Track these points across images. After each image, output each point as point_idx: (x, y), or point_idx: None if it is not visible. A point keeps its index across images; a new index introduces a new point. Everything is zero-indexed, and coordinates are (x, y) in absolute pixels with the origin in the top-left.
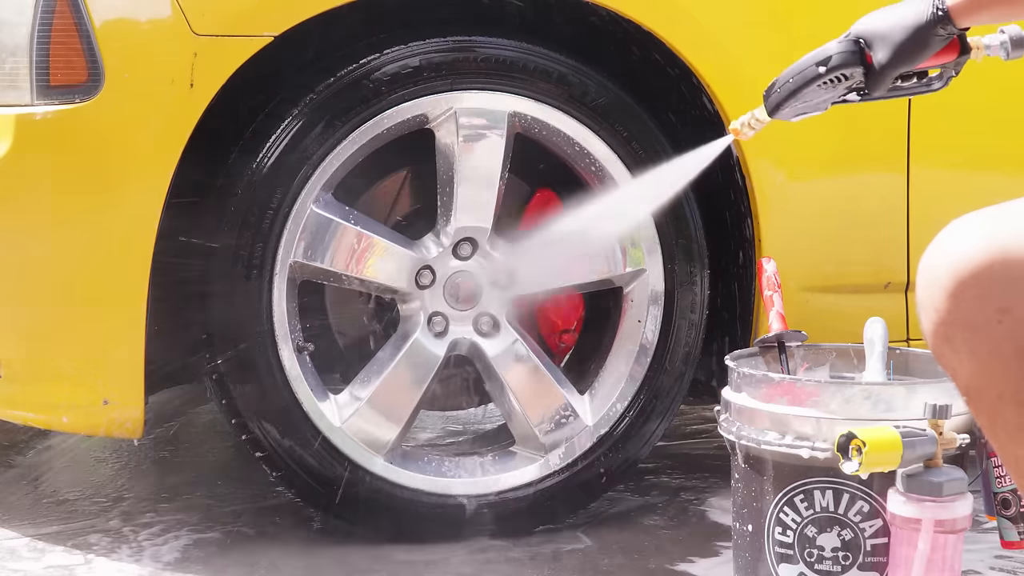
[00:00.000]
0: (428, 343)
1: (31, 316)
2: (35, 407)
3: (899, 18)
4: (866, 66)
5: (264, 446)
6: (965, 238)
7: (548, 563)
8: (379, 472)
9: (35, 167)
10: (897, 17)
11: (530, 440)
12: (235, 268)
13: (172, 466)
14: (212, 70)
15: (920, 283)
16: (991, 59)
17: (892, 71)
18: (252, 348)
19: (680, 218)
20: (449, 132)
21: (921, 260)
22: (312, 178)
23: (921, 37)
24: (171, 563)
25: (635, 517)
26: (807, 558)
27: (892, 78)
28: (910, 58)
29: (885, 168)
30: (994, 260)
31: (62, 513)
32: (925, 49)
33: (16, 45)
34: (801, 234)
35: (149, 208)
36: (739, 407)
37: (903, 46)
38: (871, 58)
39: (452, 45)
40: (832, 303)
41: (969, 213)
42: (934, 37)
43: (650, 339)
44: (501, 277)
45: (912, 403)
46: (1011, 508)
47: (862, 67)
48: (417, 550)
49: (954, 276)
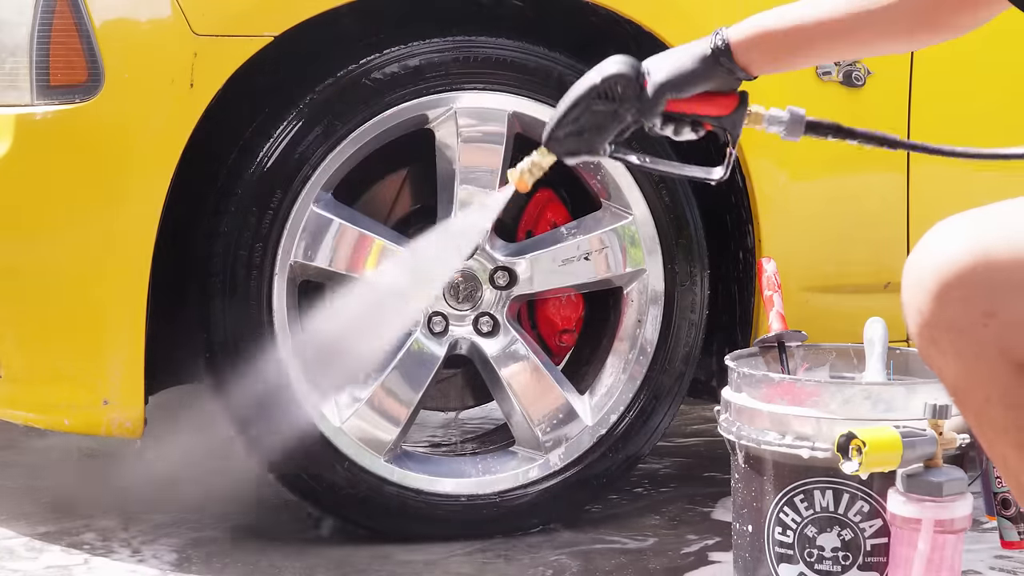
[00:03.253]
0: (428, 343)
1: (31, 316)
2: (35, 407)
3: (685, 48)
4: (642, 88)
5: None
6: (949, 240)
7: (548, 563)
8: (379, 472)
9: (35, 167)
10: (684, 48)
11: (530, 440)
12: (235, 268)
13: (171, 466)
14: (212, 70)
15: (905, 284)
16: (992, 59)
17: (664, 89)
18: (252, 348)
19: (680, 218)
20: (449, 132)
21: (907, 261)
22: (312, 178)
23: (700, 63)
24: (170, 563)
25: (635, 517)
26: (807, 558)
27: (663, 98)
28: (683, 77)
29: (885, 168)
30: (978, 263)
31: (60, 513)
32: (701, 76)
33: (16, 45)
34: (801, 234)
35: (149, 208)
36: (739, 407)
37: (680, 65)
38: (647, 83)
39: (452, 45)
40: (832, 303)
41: (955, 215)
42: (716, 68)
43: (650, 339)
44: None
45: (912, 403)
46: (1011, 508)
47: (637, 83)
48: (417, 550)
49: (938, 278)
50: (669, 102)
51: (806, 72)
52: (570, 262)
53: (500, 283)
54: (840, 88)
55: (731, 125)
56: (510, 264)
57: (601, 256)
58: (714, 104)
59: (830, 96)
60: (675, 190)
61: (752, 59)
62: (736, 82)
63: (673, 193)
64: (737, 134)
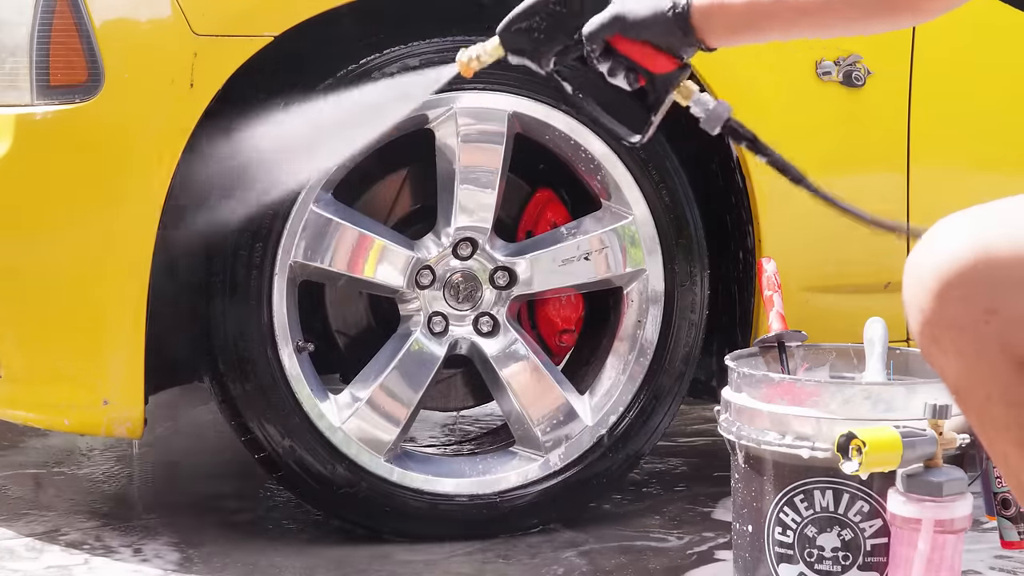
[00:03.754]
0: (428, 343)
1: (31, 316)
2: (35, 407)
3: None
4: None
5: (264, 446)
6: (950, 238)
7: (548, 563)
8: (379, 472)
9: (35, 167)
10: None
11: (530, 440)
12: (235, 268)
13: (171, 466)
14: (212, 70)
15: (906, 283)
16: (993, 59)
17: (615, 20)
18: (252, 348)
19: (680, 218)
20: (449, 132)
21: (907, 259)
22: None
23: (658, 12)
24: (170, 563)
25: (635, 517)
26: (807, 558)
27: (611, 29)
28: (637, 19)
29: (885, 168)
30: (979, 260)
31: (61, 513)
32: (653, 26)
33: (16, 45)
34: (801, 234)
35: (149, 208)
36: (739, 407)
37: (641, 6)
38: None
39: (452, 45)
40: (832, 303)
41: (955, 213)
42: (671, 26)
43: (650, 339)
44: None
45: (912, 403)
46: (1011, 508)
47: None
48: (417, 550)
49: (939, 276)
50: (617, 37)
51: (805, 71)
52: (570, 262)
53: (500, 283)
54: (840, 88)
55: (661, 86)
56: (510, 264)
57: (601, 256)
58: (655, 60)
59: (830, 96)
60: (675, 190)
61: (710, 28)
62: (687, 48)
63: (673, 193)
64: (661, 99)
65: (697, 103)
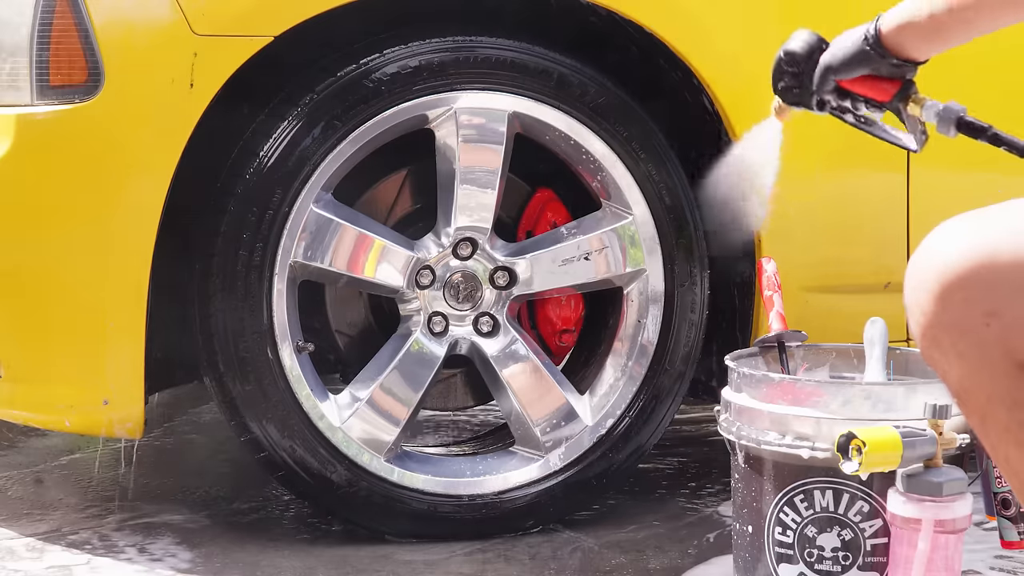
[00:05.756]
0: (428, 343)
1: (32, 316)
2: (35, 407)
3: (854, 30)
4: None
5: (264, 446)
6: (951, 242)
7: (548, 563)
8: (379, 472)
9: (35, 167)
10: (853, 30)
11: (530, 440)
12: (235, 268)
13: (172, 466)
14: (212, 70)
15: (907, 286)
16: (994, 59)
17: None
18: (252, 348)
19: (680, 218)
20: (449, 132)
21: (909, 262)
22: (312, 178)
23: (858, 47)
24: (171, 563)
25: (635, 517)
26: (807, 558)
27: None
28: (844, 61)
29: (885, 168)
30: (980, 263)
31: (61, 513)
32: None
33: (16, 45)
34: (801, 234)
35: (149, 208)
36: (739, 407)
37: (843, 47)
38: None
39: (452, 45)
40: (832, 303)
41: (956, 216)
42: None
43: (650, 339)
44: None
45: (912, 403)
46: (1011, 508)
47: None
48: (417, 550)
49: (940, 279)
50: (839, 81)
51: None
52: (570, 262)
53: (500, 283)
54: None
55: (895, 110)
56: (510, 264)
57: (601, 256)
58: (877, 88)
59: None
60: (675, 190)
61: (907, 45)
62: (899, 68)
63: (673, 193)
64: (903, 118)
65: (929, 109)
